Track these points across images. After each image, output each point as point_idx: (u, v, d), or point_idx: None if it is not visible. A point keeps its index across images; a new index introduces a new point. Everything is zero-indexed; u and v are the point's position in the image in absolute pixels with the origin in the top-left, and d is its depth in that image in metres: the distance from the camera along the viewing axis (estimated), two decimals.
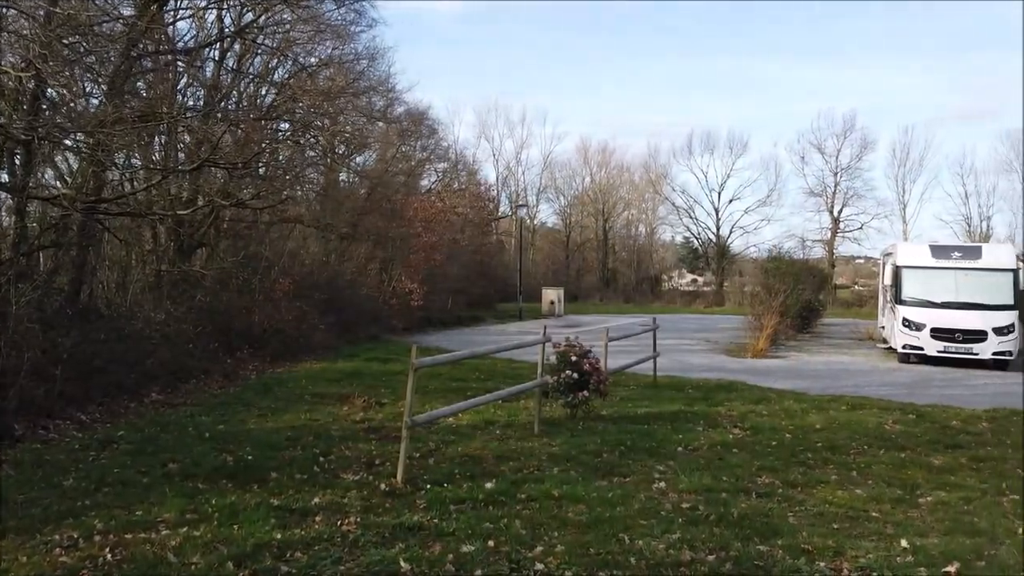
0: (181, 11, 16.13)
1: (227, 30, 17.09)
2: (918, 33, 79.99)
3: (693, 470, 7.49)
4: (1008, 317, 17.15)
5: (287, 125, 20.40)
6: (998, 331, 16.97)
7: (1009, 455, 8.57)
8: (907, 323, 17.84)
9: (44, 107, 11.34)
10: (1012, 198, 48.41)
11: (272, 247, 19.15)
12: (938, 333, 17.32)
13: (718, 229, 56.68)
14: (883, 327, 21.24)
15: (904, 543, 5.60)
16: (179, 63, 15.88)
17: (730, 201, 55.86)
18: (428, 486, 6.65)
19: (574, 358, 9.82)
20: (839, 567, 5.16)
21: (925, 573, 5.07)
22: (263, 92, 20.14)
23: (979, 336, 17.03)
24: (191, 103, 17.32)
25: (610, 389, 11.47)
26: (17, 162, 11.42)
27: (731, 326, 24.88)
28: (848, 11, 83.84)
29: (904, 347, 17.89)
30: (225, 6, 16.56)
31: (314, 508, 6.03)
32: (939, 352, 17.29)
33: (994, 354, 16.98)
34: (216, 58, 17.75)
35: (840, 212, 52.13)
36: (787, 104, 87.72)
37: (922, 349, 17.53)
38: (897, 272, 18.80)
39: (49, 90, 11.45)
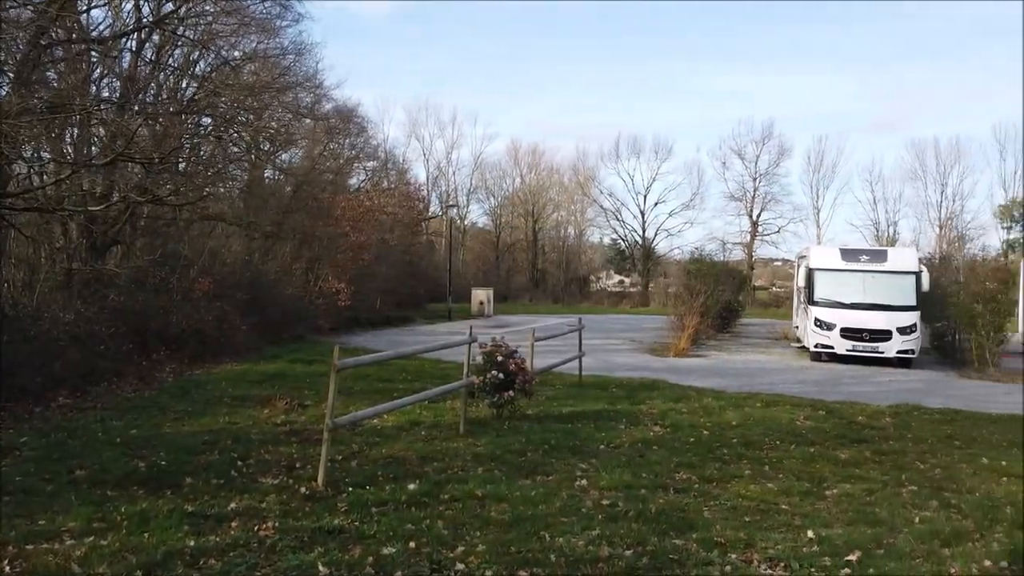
0: None
1: (145, 20, 16.43)
2: (832, 44, 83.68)
3: (614, 467, 7.64)
4: (911, 317, 18.14)
5: (209, 120, 19.82)
6: (902, 331, 17.93)
7: (909, 448, 9.07)
8: (819, 323, 18.65)
9: None
10: (916, 204, 51.37)
11: (192, 245, 18.55)
12: (847, 333, 18.18)
13: (644, 231, 57.92)
14: (797, 327, 22.15)
15: (810, 534, 5.85)
16: (93, 53, 15.20)
17: (655, 204, 57.21)
18: (350, 489, 6.58)
19: (500, 358, 9.88)
20: (749, 558, 5.36)
21: (829, 562, 5.30)
22: (183, 85, 19.47)
23: (885, 335, 17.95)
24: (106, 95, 16.60)
25: (536, 389, 11.59)
26: None
27: (655, 326, 25.44)
28: (767, 21, 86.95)
29: (816, 346, 18.71)
30: None
31: (230, 513, 5.88)
32: (848, 351, 18.14)
33: (898, 352, 17.94)
34: (133, 49, 17.06)
35: (759, 216, 54.10)
36: (710, 110, 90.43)
37: (833, 348, 18.36)
38: (810, 274, 19.64)
39: None
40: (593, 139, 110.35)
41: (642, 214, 57.59)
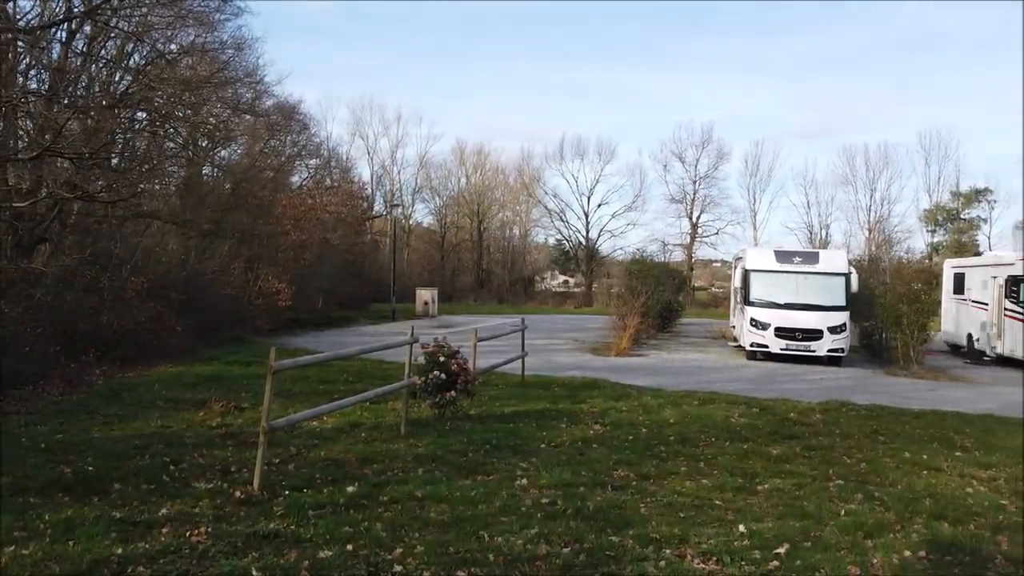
0: None
1: (76, 9, 15.83)
2: (769, 53, 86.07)
3: (554, 466, 7.72)
4: (841, 317, 18.81)
5: (143, 115, 19.24)
6: (832, 330, 18.58)
7: (837, 444, 9.40)
8: (754, 323, 19.17)
9: None
10: (847, 208, 53.19)
11: (125, 244, 17.95)
12: (781, 332, 18.73)
13: (587, 232, 58.52)
14: (734, 326, 22.72)
15: (742, 528, 6.00)
16: (20, 43, 14.58)
17: (599, 206, 57.84)
18: (287, 492, 6.48)
19: (442, 358, 9.88)
20: (683, 553, 5.47)
21: (759, 555, 5.45)
22: (117, 78, 18.84)
23: (816, 335, 18.57)
24: (34, 87, 15.96)
25: (479, 389, 11.63)
26: None
27: (598, 326, 25.76)
28: (706, 28, 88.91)
29: (752, 345, 19.23)
30: None
31: (161, 519, 5.73)
32: (782, 350, 18.70)
33: (829, 351, 18.58)
34: (63, 39, 16.43)
35: (699, 218, 55.33)
36: (652, 114, 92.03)
37: (767, 347, 18.90)
38: (746, 275, 20.17)
39: None
40: (538, 140, 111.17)
41: (586, 215, 58.23)
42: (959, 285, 22.97)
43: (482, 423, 9.90)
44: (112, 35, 17.51)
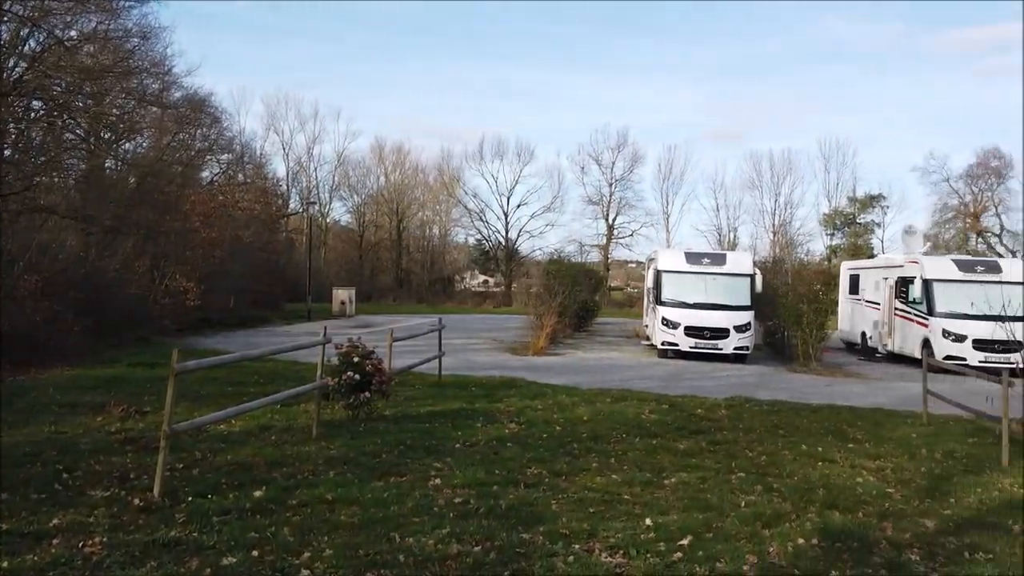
0: None
1: None
2: (682, 59, 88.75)
3: (468, 465, 7.74)
4: (746, 316, 19.60)
5: (40, 104, 18.24)
6: (738, 329, 19.34)
7: (740, 438, 9.79)
8: (666, 322, 19.75)
9: None
10: (754, 211, 55.44)
11: (18, 239, 16.95)
12: (691, 331, 19.36)
13: (507, 232, 58.89)
14: (647, 325, 23.32)
15: (648, 521, 6.17)
16: None
17: (518, 206, 58.36)
18: (190, 498, 6.27)
19: (356, 359, 9.75)
20: (592, 548, 5.59)
21: (663, 547, 5.61)
22: (11, 64, 17.76)
23: (723, 333, 19.28)
24: None
25: (395, 389, 11.55)
26: None
27: (517, 325, 25.95)
28: (626, 32, 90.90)
29: (663, 344, 19.80)
30: None
31: (51, 530, 5.45)
32: (691, 348, 19.33)
33: (735, 349, 19.33)
34: None
35: (615, 220, 56.57)
36: (570, 117, 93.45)
37: (678, 345, 19.50)
38: (658, 276, 20.76)
39: None
40: (458, 140, 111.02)
41: (505, 215, 58.61)
42: (854, 286, 24.31)
43: (397, 424, 9.83)
44: (5, 19, 16.50)
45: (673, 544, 5.68)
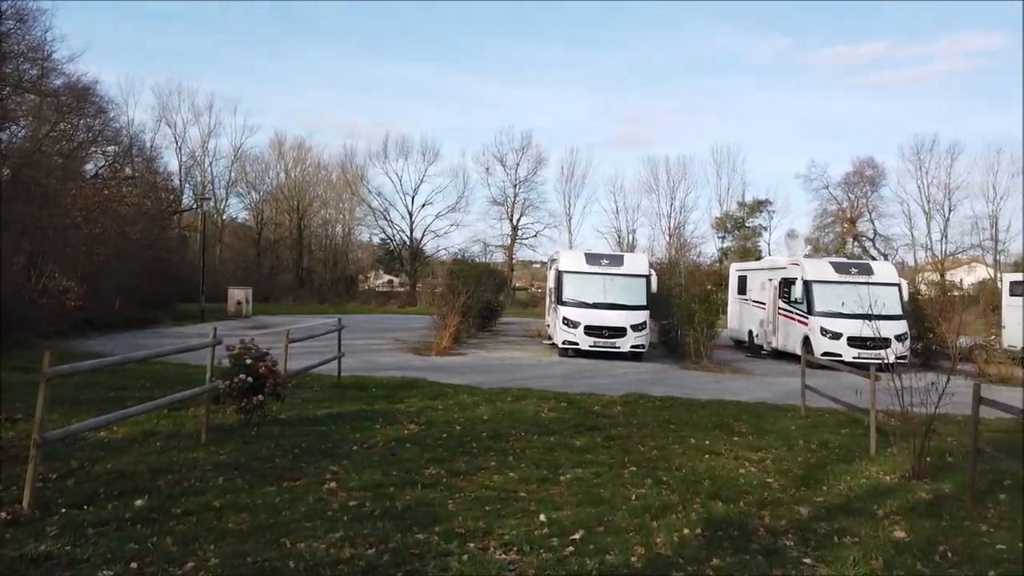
0: None
1: None
2: (583, 65, 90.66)
3: (365, 467, 7.66)
4: (642, 316, 20.25)
5: None
6: (635, 328, 19.95)
7: (634, 433, 10.11)
8: (566, 321, 20.14)
9: None
10: (651, 214, 57.31)
11: None
12: (590, 330, 19.83)
13: (412, 232, 58.42)
14: (549, 325, 23.70)
15: (543, 517, 6.28)
16: None
17: (423, 205, 58.02)
18: (63, 510, 5.91)
19: (249, 361, 9.45)
20: (486, 546, 5.64)
21: (556, 543, 5.72)
22: None
23: (621, 332, 19.85)
24: None
25: (292, 392, 11.30)
26: None
27: (421, 325, 25.80)
28: (530, 36, 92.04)
29: (564, 343, 20.19)
30: None
31: None
32: (591, 347, 19.80)
33: (632, 347, 19.94)
34: None
35: (519, 220, 57.17)
36: (475, 118, 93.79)
37: (577, 344, 19.93)
38: (559, 276, 21.15)
39: None
40: (362, 137, 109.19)
41: (410, 215, 58.13)
42: (742, 286, 25.53)
43: (292, 427, 9.60)
44: None
45: (566, 539, 5.80)
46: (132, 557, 5.06)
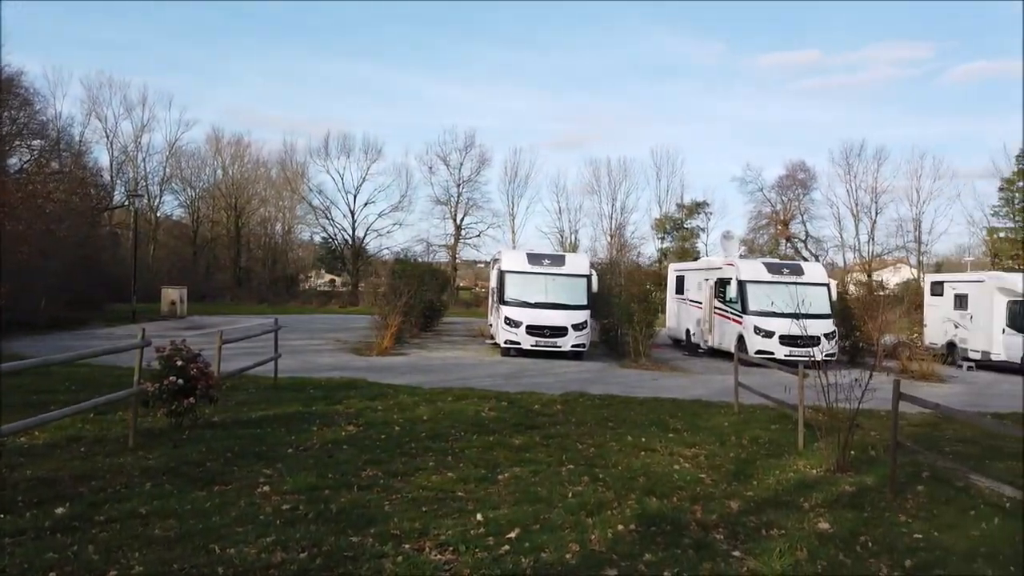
0: None
1: None
2: (530, 66, 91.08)
3: (300, 470, 7.54)
4: (583, 315, 20.47)
5: None
6: (576, 327, 20.16)
7: (572, 431, 10.21)
8: (508, 321, 20.21)
9: None
10: (593, 215, 57.95)
11: None
12: (532, 329, 19.94)
13: (354, 231, 57.72)
14: (491, 324, 23.74)
15: (480, 516, 6.29)
16: None
17: (366, 204, 57.34)
18: None
19: (180, 362, 9.19)
20: (422, 546, 5.62)
21: (492, 542, 5.74)
22: None
23: (562, 332, 20.02)
24: None
25: (227, 394, 11.07)
26: None
27: (362, 325, 25.54)
28: (475, 35, 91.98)
29: (506, 342, 20.26)
30: None
31: None
32: (532, 346, 19.92)
33: (573, 346, 20.13)
34: None
35: (462, 220, 57.04)
36: (418, 116, 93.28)
37: (520, 343, 20.02)
38: (501, 276, 21.21)
39: None
40: (302, 134, 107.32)
41: (352, 213, 57.40)
42: (680, 286, 26.06)
43: (226, 430, 9.38)
44: None
45: (502, 538, 5.83)
46: (51, 567, 4.88)
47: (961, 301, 22.34)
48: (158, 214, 55.59)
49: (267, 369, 13.47)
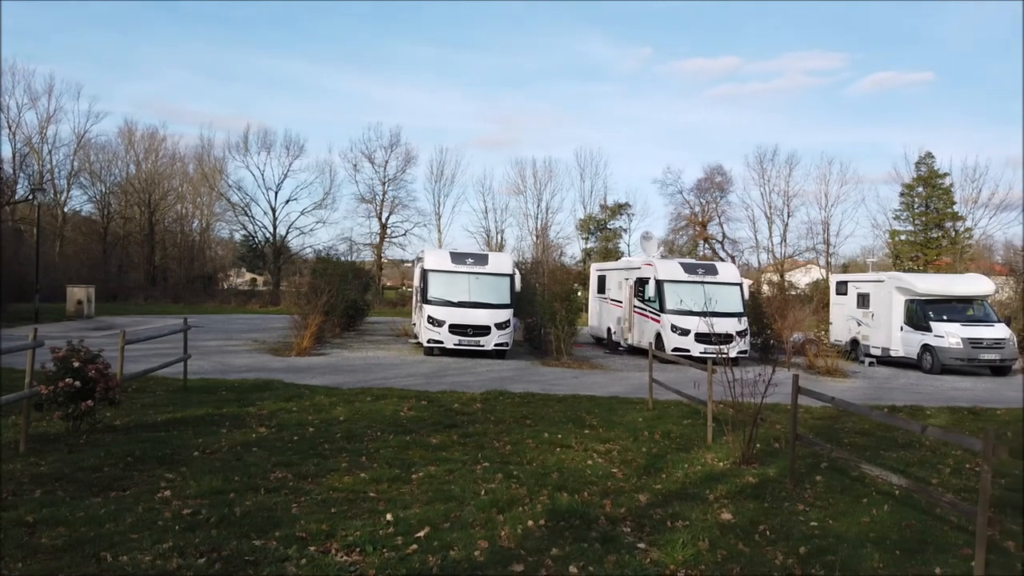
0: None
1: None
2: (457, 66, 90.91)
3: (205, 474, 7.30)
4: (506, 314, 20.55)
5: None
6: (499, 326, 20.23)
7: (490, 429, 10.22)
8: (431, 320, 20.11)
9: None
10: (519, 215, 58.29)
11: None
12: (455, 328, 19.90)
13: (275, 229, 56.32)
14: (415, 324, 23.58)
15: (389, 517, 6.23)
16: None
17: (287, 201, 56.00)
18: None
19: (77, 364, 8.76)
20: (328, 548, 5.52)
21: (400, 542, 5.69)
22: None
23: (485, 331, 20.05)
24: None
25: (131, 396, 10.64)
26: None
27: (282, 326, 24.96)
28: (401, 35, 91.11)
29: (429, 341, 20.15)
30: None
31: None
32: (455, 345, 19.88)
33: (496, 345, 20.18)
34: None
35: (388, 219, 56.37)
36: (342, 113, 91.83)
37: (442, 343, 19.95)
38: (424, 275, 21.08)
39: None
40: (220, 129, 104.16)
41: (273, 211, 55.96)
42: (601, 286, 26.49)
43: (127, 434, 9.00)
44: None
45: (411, 537, 5.79)
46: None
47: (863, 300, 23.46)
48: (65, 209, 52.92)
49: (177, 371, 13.00)
